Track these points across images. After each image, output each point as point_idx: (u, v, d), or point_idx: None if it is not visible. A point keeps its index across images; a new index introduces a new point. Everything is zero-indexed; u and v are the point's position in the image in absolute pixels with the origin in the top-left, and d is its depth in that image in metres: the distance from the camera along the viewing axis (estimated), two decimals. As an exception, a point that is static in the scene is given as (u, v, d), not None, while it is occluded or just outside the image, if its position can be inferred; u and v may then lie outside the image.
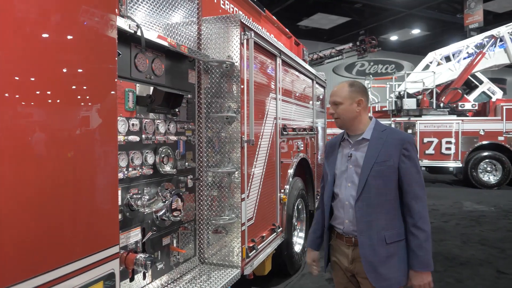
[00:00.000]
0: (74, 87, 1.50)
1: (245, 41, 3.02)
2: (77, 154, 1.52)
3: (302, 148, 4.80)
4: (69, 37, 1.48)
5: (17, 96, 1.29)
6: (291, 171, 4.36)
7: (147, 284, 2.51)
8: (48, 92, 1.41)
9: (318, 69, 18.69)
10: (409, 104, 11.27)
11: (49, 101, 1.41)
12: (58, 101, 1.44)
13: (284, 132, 4.06)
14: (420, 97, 11.53)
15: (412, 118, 11.05)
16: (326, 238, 2.33)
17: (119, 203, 2.24)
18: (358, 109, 2.16)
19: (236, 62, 2.97)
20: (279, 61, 3.89)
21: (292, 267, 4.46)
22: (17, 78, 1.29)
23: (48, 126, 1.41)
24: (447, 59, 12.38)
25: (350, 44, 17.37)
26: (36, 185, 1.37)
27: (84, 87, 1.55)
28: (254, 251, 3.25)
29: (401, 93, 11.63)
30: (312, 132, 5.32)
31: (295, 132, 4.49)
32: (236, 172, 3.00)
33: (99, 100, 1.62)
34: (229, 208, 3.03)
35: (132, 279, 2.37)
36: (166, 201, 2.37)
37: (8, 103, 1.27)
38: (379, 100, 12.55)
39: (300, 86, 4.86)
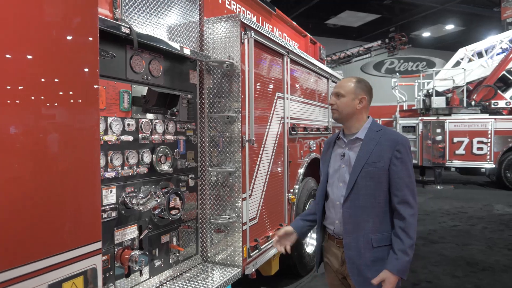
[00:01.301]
0: (54, 87, 1.55)
1: (246, 40, 3.02)
2: (57, 152, 1.57)
3: (315, 148, 4.74)
4: (42, 36, 1.54)
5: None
6: (301, 171, 4.32)
7: (145, 280, 2.56)
8: (30, 95, 1.46)
9: (345, 68, 18.49)
10: (438, 102, 10.88)
11: (30, 102, 1.47)
12: (37, 102, 1.49)
13: (293, 132, 4.02)
14: (450, 95, 11.09)
15: (441, 117, 10.64)
16: (319, 238, 2.30)
17: (114, 201, 2.32)
18: (359, 106, 2.12)
19: (236, 62, 2.98)
20: (287, 60, 3.86)
21: (303, 268, 4.42)
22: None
23: (30, 126, 1.47)
24: (479, 55, 11.83)
25: (379, 42, 16.94)
26: (18, 182, 1.43)
27: (65, 88, 1.60)
28: (257, 250, 3.24)
29: (430, 91, 11.22)
30: (327, 132, 5.24)
31: (306, 132, 4.44)
32: (237, 172, 3.01)
33: (80, 102, 1.66)
34: (230, 208, 3.05)
35: (128, 275, 2.42)
36: (160, 199, 2.40)
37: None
38: (406, 99, 12.17)
39: (313, 85, 4.79)
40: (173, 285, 2.70)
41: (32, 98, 1.46)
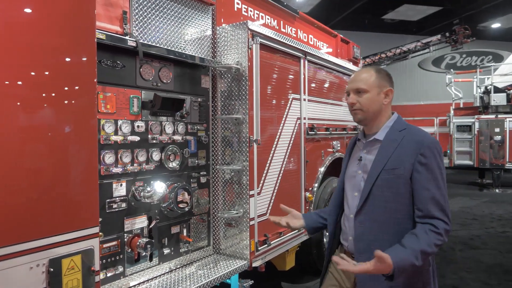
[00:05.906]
0: (61, 95, 1.87)
1: (253, 46, 3.20)
2: (58, 148, 1.89)
3: (339, 148, 4.77)
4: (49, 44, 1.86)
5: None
6: (321, 170, 4.39)
7: (155, 265, 2.86)
8: (41, 95, 1.80)
9: (401, 64, 17.70)
10: (498, 99, 10.12)
11: (43, 104, 1.80)
12: (43, 104, 1.82)
13: (311, 132, 4.12)
14: (511, 91, 10.27)
15: (500, 115, 9.89)
16: (329, 253, 2.09)
17: (124, 193, 2.63)
18: (385, 101, 1.86)
19: (243, 66, 3.17)
20: (303, 62, 3.97)
21: (325, 265, 4.49)
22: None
23: (39, 126, 1.80)
24: (548, 47, 10.78)
25: (438, 36, 16.00)
26: (34, 177, 1.77)
27: (68, 96, 1.91)
28: (266, 245, 3.41)
29: (488, 87, 10.47)
30: (355, 132, 5.23)
31: (328, 132, 4.50)
32: (245, 170, 3.20)
33: (80, 105, 1.97)
34: (238, 204, 3.25)
35: (137, 260, 2.73)
36: (163, 193, 2.68)
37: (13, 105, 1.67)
38: (461, 96, 11.45)
39: (338, 85, 4.82)
40: (182, 271, 2.97)
41: (45, 105, 1.80)
